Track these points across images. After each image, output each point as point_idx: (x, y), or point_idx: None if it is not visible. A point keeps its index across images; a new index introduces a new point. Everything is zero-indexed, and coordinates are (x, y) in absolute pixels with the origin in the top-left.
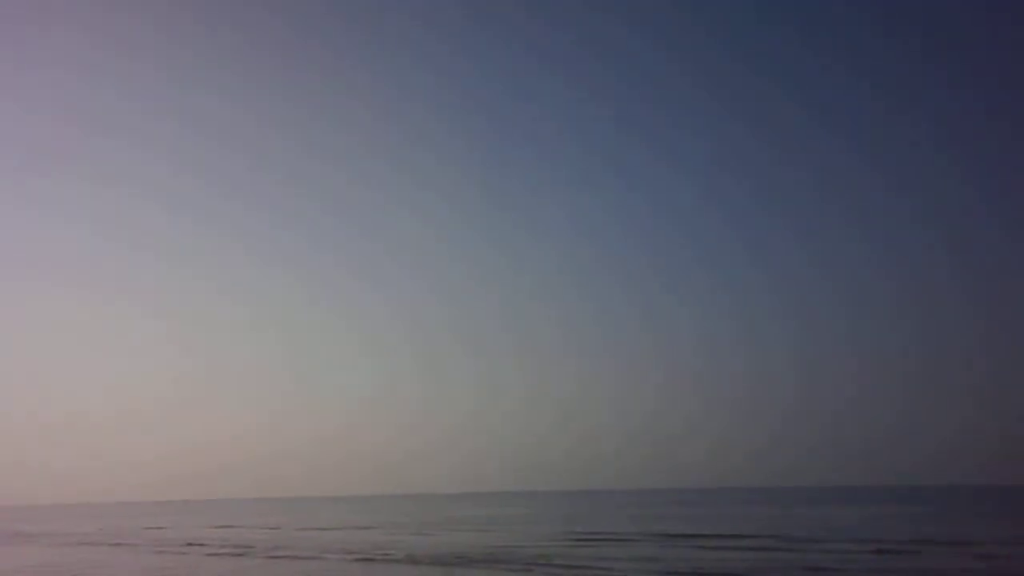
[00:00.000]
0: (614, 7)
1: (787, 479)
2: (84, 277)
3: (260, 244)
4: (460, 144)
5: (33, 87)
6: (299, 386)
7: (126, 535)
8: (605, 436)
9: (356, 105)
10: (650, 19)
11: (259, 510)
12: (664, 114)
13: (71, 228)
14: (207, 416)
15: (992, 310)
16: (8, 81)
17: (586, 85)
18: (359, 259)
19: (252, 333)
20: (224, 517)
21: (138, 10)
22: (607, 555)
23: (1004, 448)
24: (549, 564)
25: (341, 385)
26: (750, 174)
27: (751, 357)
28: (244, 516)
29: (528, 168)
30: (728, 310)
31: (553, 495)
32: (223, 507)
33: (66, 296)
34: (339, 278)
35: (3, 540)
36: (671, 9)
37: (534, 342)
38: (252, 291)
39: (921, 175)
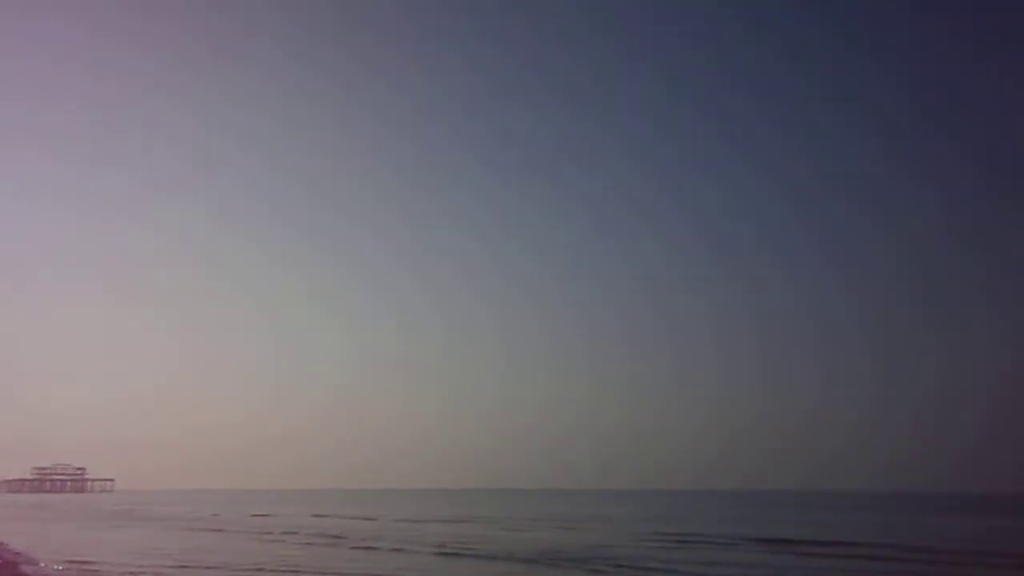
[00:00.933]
0: (614, 17)
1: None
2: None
3: (259, 239)
4: (452, 145)
5: (48, 81)
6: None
7: (231, 521)
8: (576, 437)
9: (355, 104)
10: (664, 15)
11: (351, 500)
12: (646, 113)
13: (76, 219)
14: (205, 404)
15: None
16: (21, 74)
17: (591, 88)
18: (352, 256)
19: (246, 325)
20: (322, 506)
21: (152, 7)
22: (713, 559)
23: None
24: (657, 569)
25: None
26: (716, 173)
27: (724, 359)
28: (340, 506)
29: (517, 171)
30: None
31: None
32: (294, 497)
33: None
34: (334, 273)
35: (119, 523)
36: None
37: (516, 343)
38: (248, 282)
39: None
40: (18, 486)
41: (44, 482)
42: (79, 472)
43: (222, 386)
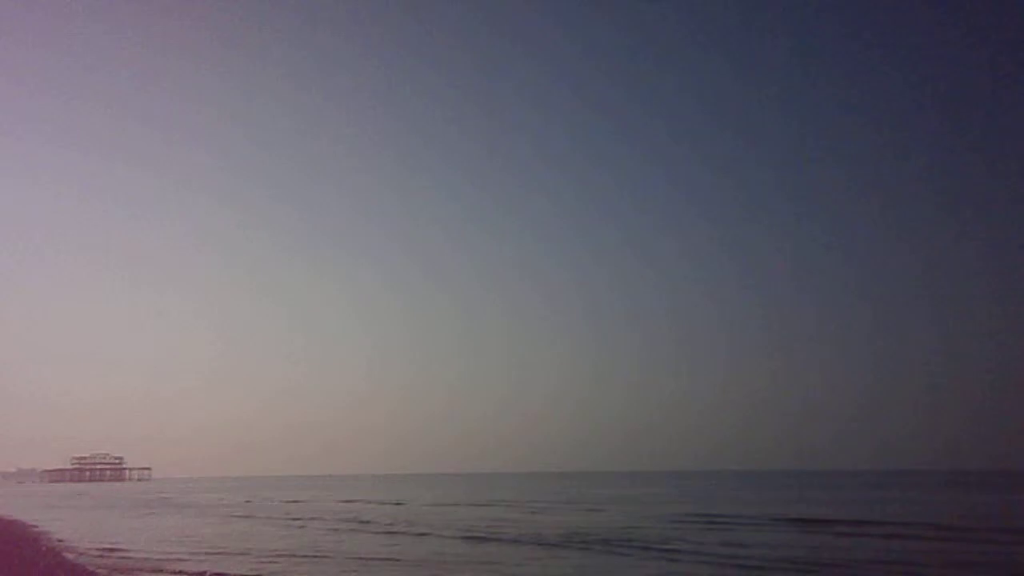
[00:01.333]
0: (630, 17)
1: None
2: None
3: (279, 235)
4: (459, 136)
5: (81, 79)
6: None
7: (263, 507)
8: (587, 422)
9: (375, 101)
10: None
11: (376, 486)
12: (658, 111)
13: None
14: (236, 395)
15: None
16: (47, 75)
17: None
18: (373, 252)
19: (266, 320)
20: (349, 492)
21: (173, 6)
22: (743, 540)
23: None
24: (687, 551)
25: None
26: (725, 169)
27: (733, 349)
28: (367, 492)
29: (534, 170)
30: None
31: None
32: (323, 482)
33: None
34: (352, 269)
35: (156, 511)
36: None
37: (523, 331)
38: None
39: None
40: (58, 475)
41: (83, 471)
42: (117, 461)
43: (250, 378)
